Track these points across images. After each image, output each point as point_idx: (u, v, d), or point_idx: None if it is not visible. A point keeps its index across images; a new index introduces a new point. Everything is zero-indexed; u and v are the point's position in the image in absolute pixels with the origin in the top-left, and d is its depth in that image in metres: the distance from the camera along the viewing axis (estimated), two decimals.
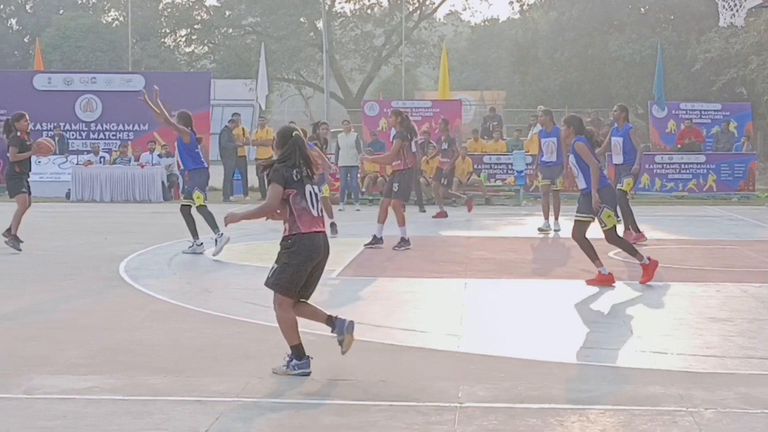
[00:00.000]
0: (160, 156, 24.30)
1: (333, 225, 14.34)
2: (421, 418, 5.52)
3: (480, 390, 6.10)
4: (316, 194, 6.62)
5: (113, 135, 26.07)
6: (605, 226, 10.29)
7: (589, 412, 5.66)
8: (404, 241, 13.24)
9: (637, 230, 13.82)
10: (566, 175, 14.87)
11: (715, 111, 28.34)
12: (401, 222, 13.25)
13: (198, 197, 13.13)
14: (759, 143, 34.88)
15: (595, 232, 10.46)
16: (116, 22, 51.21)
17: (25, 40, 51.10)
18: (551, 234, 15.42)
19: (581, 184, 10.41)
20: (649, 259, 10.31)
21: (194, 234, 13.11)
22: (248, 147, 25.05)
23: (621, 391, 6.11)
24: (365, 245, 13.45)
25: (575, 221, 10.45)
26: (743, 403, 5.81)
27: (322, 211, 6.69)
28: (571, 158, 10.55)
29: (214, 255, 12.53)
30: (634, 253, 10.38)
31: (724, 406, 5.74)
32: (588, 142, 10.43)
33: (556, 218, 15.72)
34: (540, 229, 15.64)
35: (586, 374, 6.57)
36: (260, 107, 30.73)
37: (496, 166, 24.05)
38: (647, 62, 36.32)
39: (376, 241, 13.43)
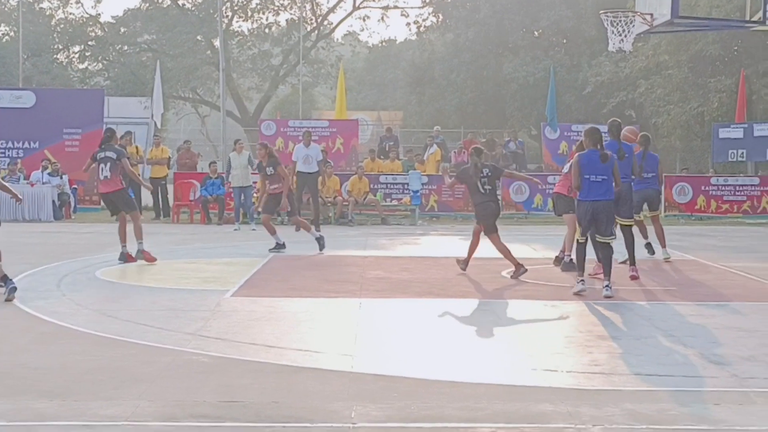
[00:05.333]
0: (51, 175, 23.78)
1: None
2: None
3: (373, 410, 6.11)
4: None
5: (2, 153, 25.40)
6: None
7: (480, 431, 5.71)
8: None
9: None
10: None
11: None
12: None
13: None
14: None
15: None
16: (6, 37, 49.95)
17: None
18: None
19: None
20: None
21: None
22: (143, 166, 24.69)
23: (512, 409, 6.18)
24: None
25: None
26: (629, 419, 5.94)
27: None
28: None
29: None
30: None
31: (611, 423, 5.86)
32: None
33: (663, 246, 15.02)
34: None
35: (478, 393, 6.63)
36: (156, 125, 30.34)
37: (392, 186, 24.19)
38: (540, 84, 37.01)
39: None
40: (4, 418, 5.85)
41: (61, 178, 23.72)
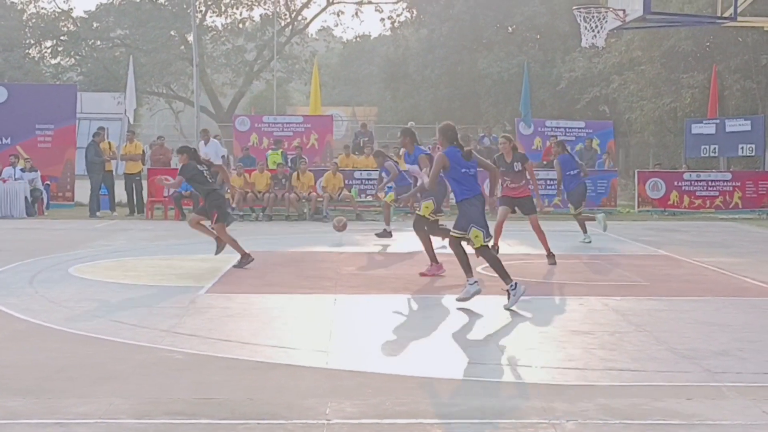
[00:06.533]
0: (23, 170, 23.60)
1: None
2: None
3: (348, 406, 6.11)
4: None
5: None
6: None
7: (455, 427, 5.72)
8: None
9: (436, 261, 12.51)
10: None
11: (579, 128, 29.26)
12: None
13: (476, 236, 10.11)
14: (620, 160, 36.03)
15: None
16: None
17: None
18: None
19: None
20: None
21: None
22: (116, 162, 24.55)
23: (486, 404, 6.20)
24: None
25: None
26: (603, 414, 5.97)
27: None
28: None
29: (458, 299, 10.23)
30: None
31: (585, 418, 5.89)
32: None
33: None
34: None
35: (452, 388, 6.65)
36: (129, 121, 30.19)
37: (367, 182, 24.17)
38: (514, 80, 37.11)
39: None
40: None
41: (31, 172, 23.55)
